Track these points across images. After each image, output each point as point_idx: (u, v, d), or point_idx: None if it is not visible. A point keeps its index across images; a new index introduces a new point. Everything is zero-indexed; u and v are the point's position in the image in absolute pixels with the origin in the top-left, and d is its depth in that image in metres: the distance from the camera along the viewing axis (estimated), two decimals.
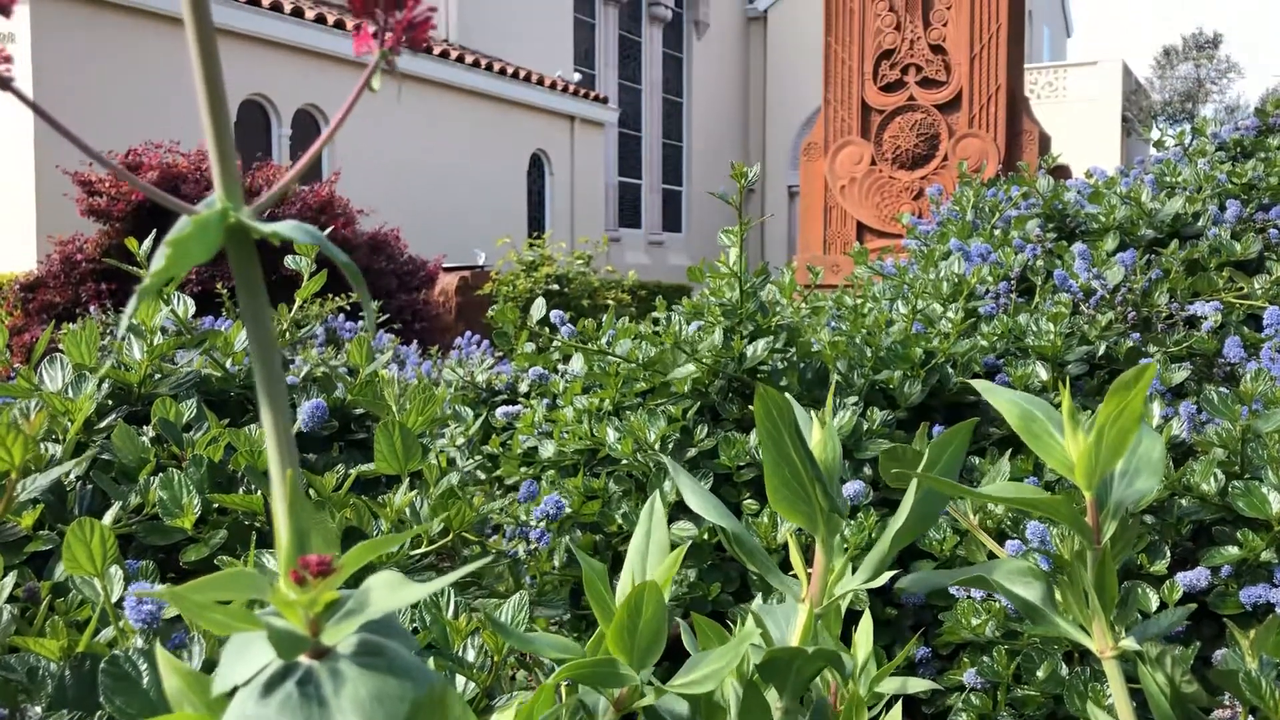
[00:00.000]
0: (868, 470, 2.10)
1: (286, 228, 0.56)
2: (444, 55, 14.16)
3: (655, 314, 2.74)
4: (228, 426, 1.49)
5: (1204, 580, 1.66)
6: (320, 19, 12.50)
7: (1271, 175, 3.14)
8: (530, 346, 2.92)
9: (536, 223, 16.68)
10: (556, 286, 9.00)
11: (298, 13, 12.21)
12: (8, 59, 0.55)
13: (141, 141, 7.85)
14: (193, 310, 1.78)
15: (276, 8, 11.91)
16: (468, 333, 4.24)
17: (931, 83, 6.33)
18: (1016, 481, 1.91)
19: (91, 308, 4.21)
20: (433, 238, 12.88)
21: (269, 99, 12.09)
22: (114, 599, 1.01)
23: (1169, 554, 1.76)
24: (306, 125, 12.74)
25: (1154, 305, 2.58)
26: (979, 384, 0.85)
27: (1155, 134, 3.87)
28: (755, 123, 25.07)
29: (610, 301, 9.48)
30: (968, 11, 6.20)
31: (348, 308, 4.79)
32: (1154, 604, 1.67)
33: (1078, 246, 2.74)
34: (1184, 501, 1.82)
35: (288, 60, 12.13)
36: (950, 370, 2.35)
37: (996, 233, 3.33)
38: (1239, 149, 3.53)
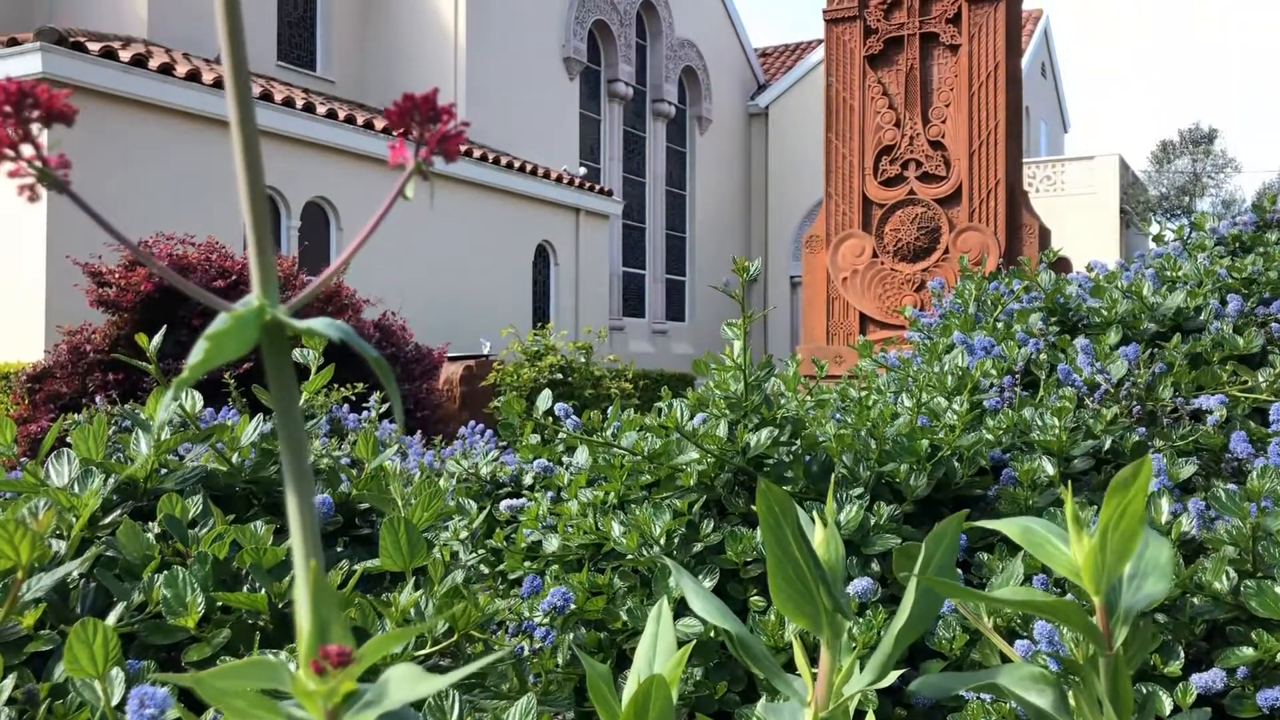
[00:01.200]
0: (875, 566, 2.08)
1: (320, 325, 0.57)
2: None
3: (660, 404, 2.74)
4: (233, 523, 1.49)
5: (1220, 682, 1.64)
6: (332, 114, 12.76)
7: (1271, 270, 3.17)
8: (535, 438, 2.92)
9: (541, 312, 16.80)
10: (560, 376, 9.03)
11: (309, 108, 12.47)
12: (66, 164, 0.57)
13: (153, 233, 7.96)
14: (200, 404, 1.78)
15: (289, 103, 12.16)
16: (471, 422, 4.24)
17: (931, 177, 6.43)
18: (1027, 580, 1.89)
19: (98, 398, 4.22)
20: (438, 326, 12.96)
21: (279, 191, 12.28)
22: (114, 701, 0.99)
23: (1183, 654, 1.74)
24: (315, 217, 12.92)
25: (1158, 399, 2.58)
26: (987, 524, 0.84)
27: (1154, 228, 3.92)
28: (757, 214, 25.40)
29: (614, 391, 9.50)
30: (966, 109, 6.32)
31: (352, 398, 4.80)
32: (1168, 707, 1.64)
33: (1080, 341, 2.76)
34: (1196, 600, 1.80)
35: (298, 153, 12.35)
36: (956, 464, 2.34)
37: (999, 326, 3.35)
38: (1238, 244, 3.57)
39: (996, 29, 6.31)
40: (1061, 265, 5.44)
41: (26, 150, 0.57)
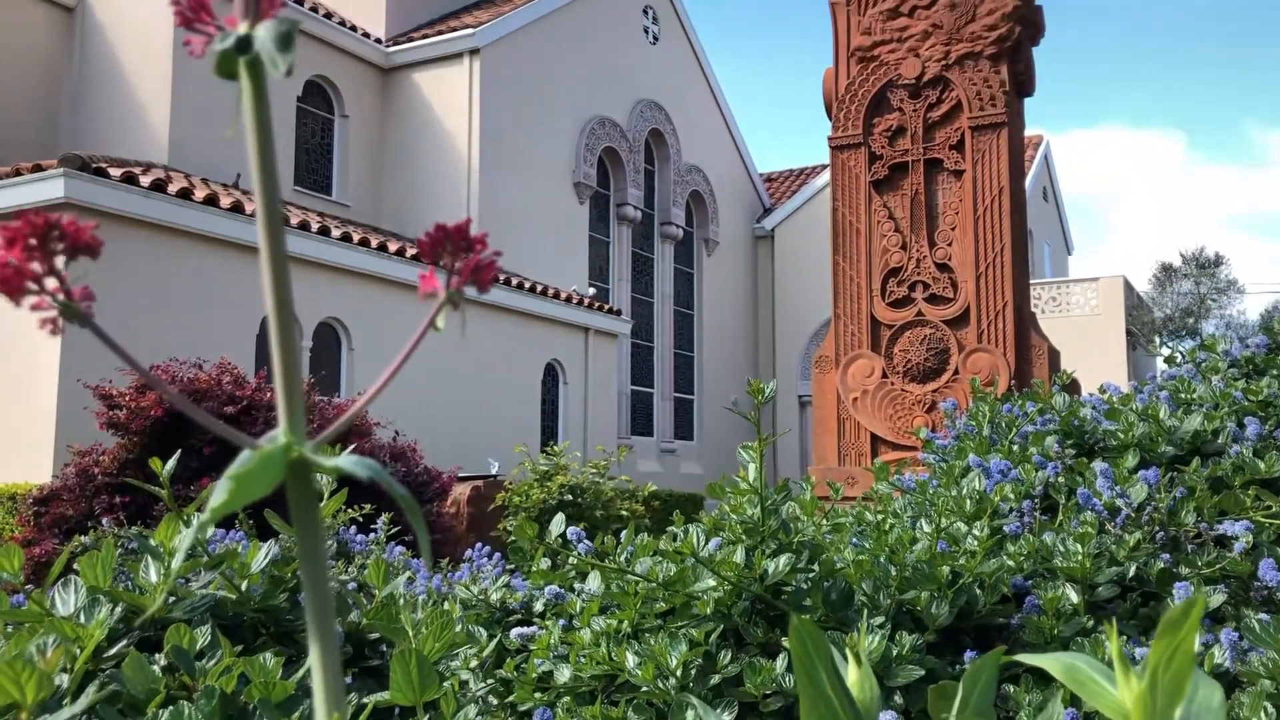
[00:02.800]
0: (899, 699, 2.02)
1: (349, 463, 0.56)
2: None
3: (672, 528, 2.70)
4: (241, 653, 1.45)
5: None
6: (346, 237, 12.98)
7: None
8: (546, 562, 2.87)
9: (550, 431, 16.78)
10: (571, 497, 8.98)
11: (324, 231, 12.69)
12: (90, 296, 0.56)
13: (166, 358, 8.01)
14: (210, 529, 1.76)
15: (304, 226, 12.38)
16: (479, 545, 4.18)
17: (939, 299, 6.48)
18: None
19: (105, 521, 4.19)
20: (447, 445, 12.93)
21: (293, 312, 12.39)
22: None
23: None
24: (327, 338, 13.02)
25: (1181, 524, 2.54)
26: (1028, 659, 0.81)
27: (1165, 350, 3.92)
28: (765, 333, 25.58)
29: (624, 511, 9.43)
30: (972, 233, 6.41)
31: (360, 519, 4.75)
32: None
33: (1099, 464, 2.73)
34: None
35: (312, 275, 12.51)
36: (978, 591, 2.29)
37: (1015, 448, 3.32)
38: (1250, 366, 3.56)
39: (999, 155, 6.44)
40: (1072, 388, 5.43)
41: (51, 284, 0.56)
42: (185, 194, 11.13)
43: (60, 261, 0.56)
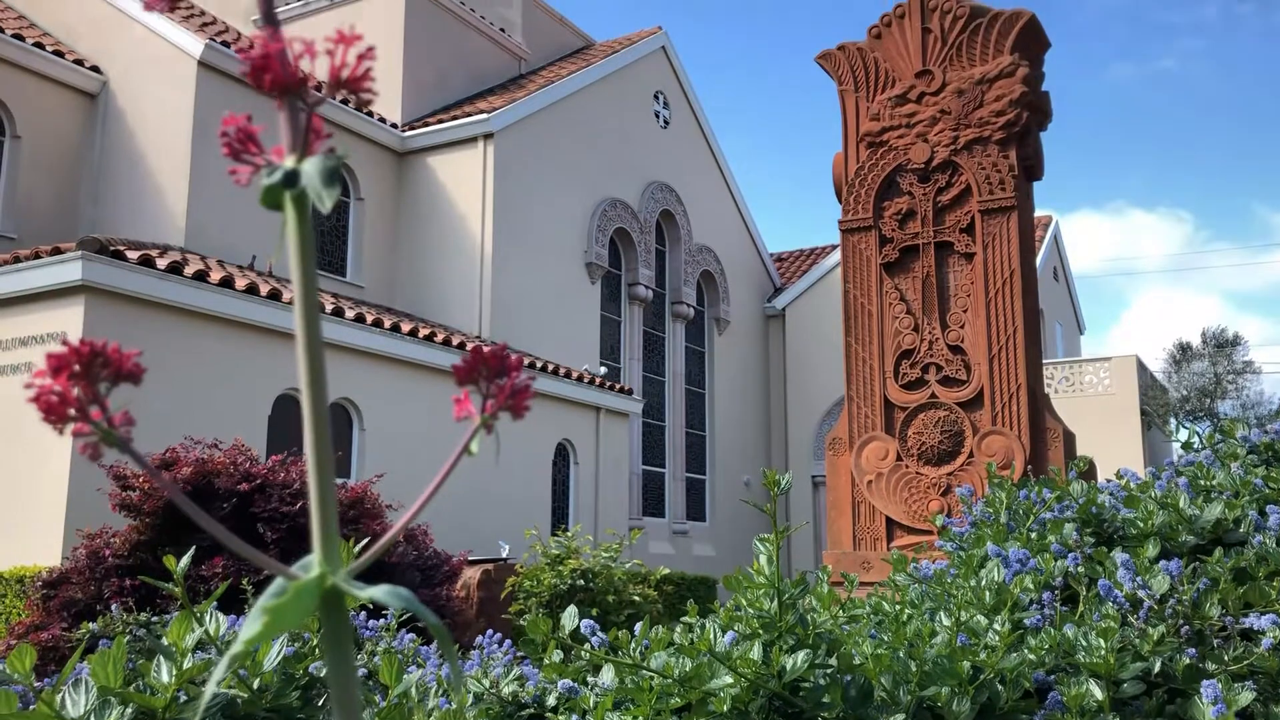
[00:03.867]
0: None
1: (382, 593, 0.55)
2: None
3: (687, 619, 2.67)
4: None
5: None
6: (360, 318, 13.07)
7: None
8: (559, 655, 2.83)
9: (560, 511, 16.68)
10: (583, 582, 8.88)
11: (338, 312, 12.79)
12: (130, 421, 0.57)
13: (182, 438, 8.03)
14: (225, 626, 1.74)
15: (319, 308, 12.47)
16: (489, 631, 4.13)
17: (952, 381, 6.46)
18: None
19: (114, 606, 4.15)
20: (456, 526, 12.85)
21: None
22: None
23: None
24: (338, 419, 13.04)
25: (1206, 617, 2.49)
26: None
27: (1181, 434, 3.90)
28: (777, 412, 25.52)
29: (636, 596, 9.32)
30: (984, 315, 6.42)
31: (370, 606, 4.71)
32: None
33: (1120, 555, 2.69)
34: None
35: (326, 356, 12.56)
36: (1000, 687, 2.25)
37: (1033, 536, 3.29)
38: (1270, 453, 3.53)
39: (1010, 238, 6.48)
40: (1089, 472, 5.39)
41: (93, 411, 0.57)
42: (201, 276, 11.26)
43: (104, 388, 0.56)
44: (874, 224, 6.83)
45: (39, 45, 15.54)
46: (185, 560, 1.68)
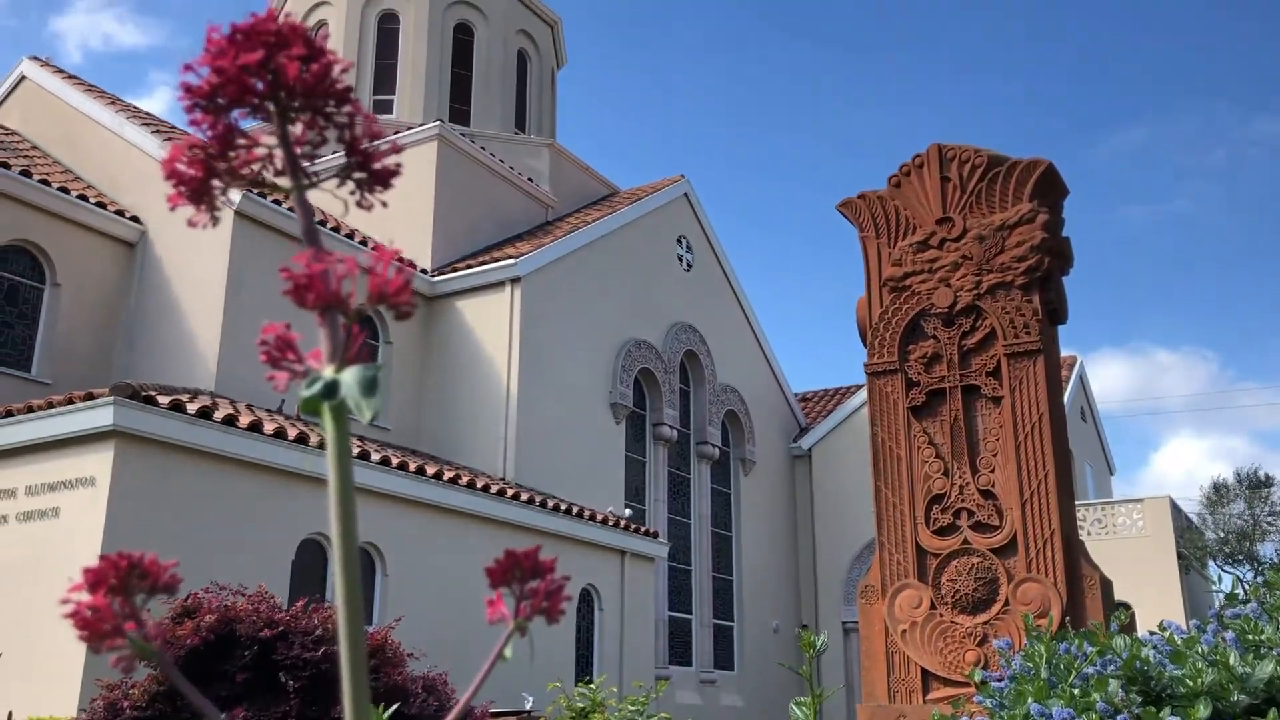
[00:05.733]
0: None
1: None
2: (500, 493, 14.62)
3: None
4: None
5: None
6: (385, 461, 13.09)
7: None
8: None
9: (584, 661, 16.30)
10: None
11: (364, 455, 12.82)
12: (164, 633, 0.55)
13: (206, 581, 7.98)
14: None
15: None
16: None
17: (985, 527, 6.36)
18: None
19: None
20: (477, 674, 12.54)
21: (328, 538, 12.35)
22: None
23: None
24: (362, 563, 12.93)
25: None
26: None
27: (1223, 580, 3.79)
28: (805, 556, 25.10)
29: None
30: (1014, 459, 6.35)
31: None
32: None
33: (1170, 716, 2.59)
34: None
35: None
36: None
37: (1075, 693, 3.17)
38: None
39: (1037, 382, 6.46)
40: (1130, 625, 5.23)
41: (128, 623, 0.55)
42: (230, 420, 11.35)
43: (140, 600, 0.55)
44: (900, 367, 6.84)
45: (83, 197, 16.10)
46: None
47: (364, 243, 17.80)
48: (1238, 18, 67.45)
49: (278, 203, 15.62)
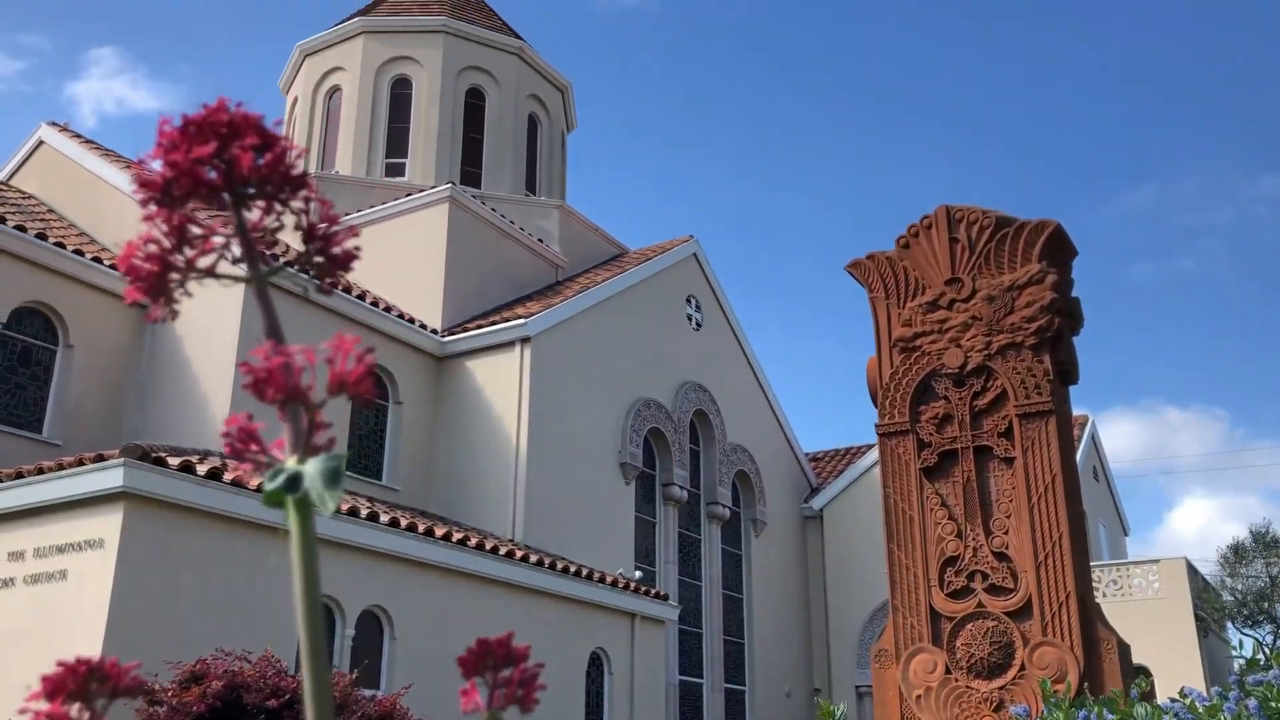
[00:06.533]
0: None
1: None
2: (509, 555, 14.52)
3: None
4: None
5: None
6: (394, 522, 13.04)
7: None
8: None
9: None
10: None
11: (373, 517, 12.77)
12: None
13: (214, 648, 7.91)
14: None
15: (353, 512, 12.48)
16: None
17: (999, 590, 6.28)
18: None
19: None
20: None
21: (336, 600, 12.27)
22: None
23: None
24: (370, 626, 12.82)
25: None
26: None
27: (1243, 644, 3.73)
28: (817, 618, 24.79)
29: None
30: (1028, 521, 6.29)
31: None
32: None
33: None
34: None
35: (358, 561, 12.48)
36: None
37: None
38: None
39: (1049, 443, 6.42)
40: (1149, 694, 5.14)
41: None
42: (239, 483, 11.33)
43: (101, 705, 0.54)
44: (911, 428, 6.81)
45: (97, 259, 16.25)
46: None
47: (375, 304, 17.90)
48: (1243, 81, 68.15)
49: (290, 264, 15.72)
